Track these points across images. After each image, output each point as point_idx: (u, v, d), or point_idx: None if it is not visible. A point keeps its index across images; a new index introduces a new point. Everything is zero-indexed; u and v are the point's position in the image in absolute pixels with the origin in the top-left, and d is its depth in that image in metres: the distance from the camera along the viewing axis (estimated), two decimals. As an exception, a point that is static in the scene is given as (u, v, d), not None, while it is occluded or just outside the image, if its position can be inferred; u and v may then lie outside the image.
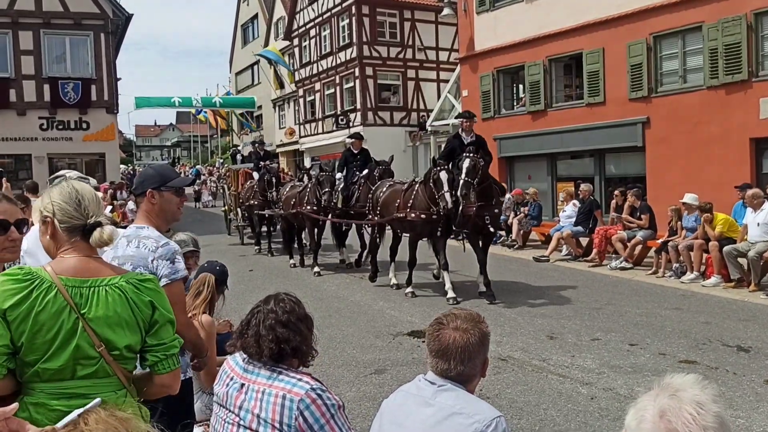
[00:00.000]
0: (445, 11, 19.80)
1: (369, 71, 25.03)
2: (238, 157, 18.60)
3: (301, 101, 30.24)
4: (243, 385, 2.36)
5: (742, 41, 11.81)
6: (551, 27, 15.34)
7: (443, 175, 8.49)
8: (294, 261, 12.43)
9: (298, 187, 12.34)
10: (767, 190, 9.62)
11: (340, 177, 11.77)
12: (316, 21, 27.79)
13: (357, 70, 25.08)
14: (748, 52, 11.77)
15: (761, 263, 8.66)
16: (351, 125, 24.80)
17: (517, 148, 16.69)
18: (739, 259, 8.94)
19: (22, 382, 1.96)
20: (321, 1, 27.14)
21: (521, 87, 17.37)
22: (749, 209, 9.08)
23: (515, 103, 17.57)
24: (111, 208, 13.29)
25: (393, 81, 25.81)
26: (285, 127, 33.21)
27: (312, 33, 28.34)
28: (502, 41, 16.79)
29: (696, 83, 12.77)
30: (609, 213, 12.32)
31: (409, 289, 9.25)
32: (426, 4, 25.27)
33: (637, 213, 10.98)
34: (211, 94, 35.52)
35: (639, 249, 10.89)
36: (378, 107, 25.20)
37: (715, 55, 12.25)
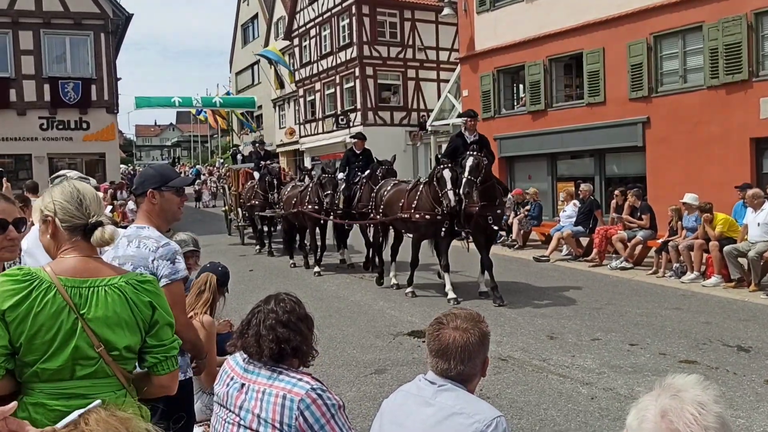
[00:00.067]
0: (446, 11, 19.79)
1: (369, 71, 25.03)
2: (238, 157, 18.59)
3: (302, 101, 30.24)
4: (243, 385, 2.36)
5: (742, 41, 11.81)
6: (551, 27, 15.34)
7: (446, 174, 8.44)
8: (294, 261, 12.41)
9: (299, 187, 12.26)
10: (767, 190, 9.62)
11: (342, 177, 11.67)
12: (316, 21, 27.79)
13: (357, 69, 25.08)
14: (748, 51, 11.77)
15: (761, 263, 8.67)
16: (351, 125, 24.80)
17: (518, 147, 16.69)
18: (740, 259, 8.95)
19: (21, 382, 1.95)
20: (321, 1, 27.14)
21: (521, 87, 17.37)
22: (749, 209, 9.08)
23: (515, 103, 17.57)
24: (111, 208, 13.29)
25: (393, 81, 25.81)
26: (285, 127, 33.22)
27: (312, 33, 28.34)
28: (502, 41, 16.79)
29: (696, 83, 12.77)
30: (609, 213, 12.32)
31: (410, 289, 9.23)
32: (426, 3, 25.27)
33: (638, 213, 10.98)
34: (211, 94, 35.54)
35: (639, 249, 10.89)
36: (378, 107, 25.20)
37: (716, 55, 12.24)
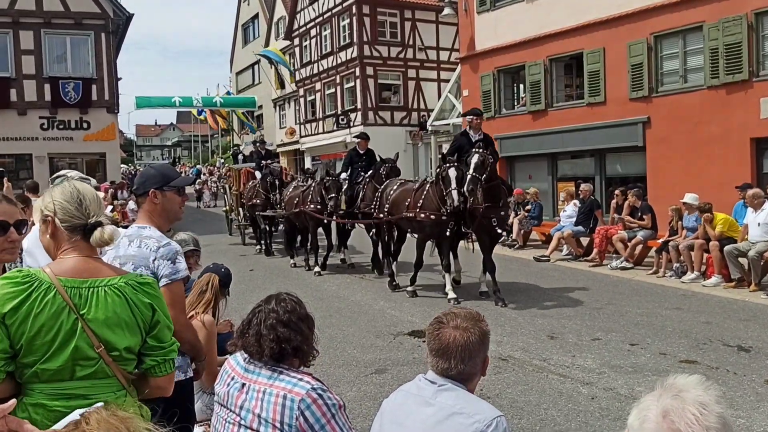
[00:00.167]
0: (446, 11, 19.78)
1: (369, 71, 25.02)
2: (239, 157, 18.59)
3: (302, 101, 30.23)
4: (244, 385, 2.36)
5: (742, 41, 11.81)
6: (552, 27, 15.34)
7: (452, 173, 8.34)
8: (295, 261, 12.41)
9: (301, 188, 12.17)
10: (767, 190, 9.62)
11: (344, 177, 11.60)
12: (316, 21, 27.78)
13: (357, 69, 25.07)
14: (748, 51, 11.76)
15: (762, 263, 8.67)
16: (351, 125, 24.80)
17: (518, 147, 16.68)
18: (740, 259, 8.94)
19: (21, 383, 1.95)
20: (321, 1, 27.13)
21: (522, 87, 17.37)
22: (750, 209, 9.08)
23: (516, 103, 17.57)
24: (111, 207, 13.29)
25: (393, 81, 25.80)
26: (285, 127, 33.21)
27: (312, 33, 28.34)
28: (502, 41, 16.78)
29: (696, 83, 12.77)
30: (609, 213, 12.32)
31: (411, 288, 9.20)
32: (426, 3, 25.26)
33: (638, 213, 10.98)
34: (212, 94, 35.53)
35: (639, 249, 10.88)
36: (378, 107, 25.19)
37: (716, 55, 12.24)
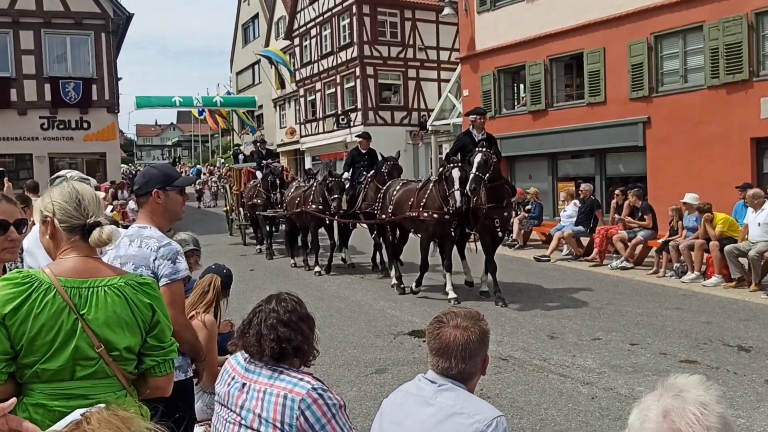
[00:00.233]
0: (446, 11, 19.78)
1: (370, 71, 25.01)
2: (240, 157, 18.58)
3: (302, 101, 30.23)
4: (244, 385, 2.36)
5: (742, 41, 11.81)
6: (552, 27, 15.33)
7: (455, 173, 8.27)
8: (295, 261, 12.39)
9: (303, 188, 12.08)
10: (767, 189, 9.62)
11: (346, 176, 11.50)
12: (316, 20, 27.78)
13: (358, 69, 25.06)
14: (748, 51, 11.76)
15: (762, 263, 8.67)
16: (352, 125, 24.79)
17: (518, 147, 16.67)
18: (740, 259, 8.94)
19: (21, 383, 1.95)
20: (322, 1, 27.12)
21: (522, 87, 17.37)
22: (750, 209, 9.08)
23: (516, 103, 17.57)
24: (112, 207, 13.29)
25: (394, 80, 25.78)
26: (286, 127, 33.21)
27: (313, 32, 28.32)
28: (502, 41, 16.78)
29: (697, 83, 12.77)
30: (610, 213, 12.31)
31: (415, 287, 9.09)
32: (427, 3, 25.25)
33: (638, 213, 10.98)
34: (212, 94, 35.53)
35: (640, 249, 10.88)
36: (379, 107, 25.18)
37: (716, 55, 12.24)
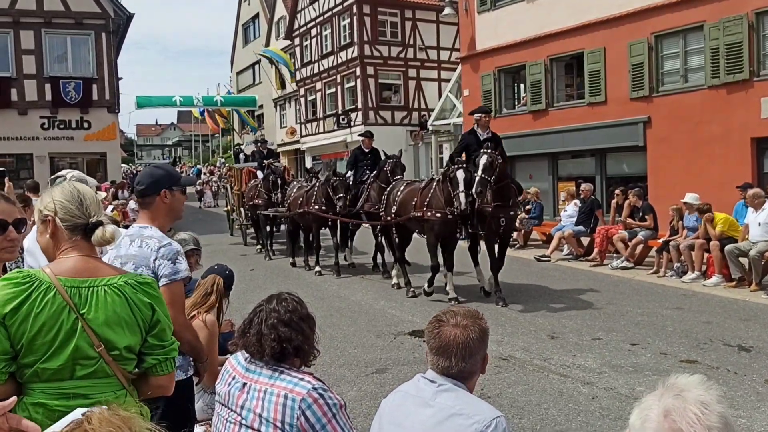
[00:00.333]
0: (446, 11, 19.77)
1: (370, 70, 25.00)
2: (241, 156, 18.58)
3: (302, 101, 30.22)
4: (245, 385, 2.36)
5: (743, 41, 11.80)
6: (552, 26, 15.33)
7: (460, 174, 8.16)
8: (295, 260, 12.36)
9: (305, 188, 12.00)
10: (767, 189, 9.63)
11: (349, 175, 11.47)
12: (317, 20, 27.77)
13: (358, 69, 25.06)
14: (749, 51, 11.76)
15: (762, 263, 8.67)
16: (352, 125, 24.79)
17: (518, 147, 16.62)
18: (741, 259, 8.94)
19: (21, 382, 1.95)
20: (322, 1, 27.11)
21: (522, 86, 17.37)
22: (750, 209, 9.08)
23: (516, 103, 17.57)
24: (112, 207, 13.29)
25: (394, 80, 25.78)
26: (286, 127, 33.20)
27: (313, 32, 28.32)
28: (503, 41, 16.78)
29: (697, 83, 12.76)
30: (610, 213, 12.30)
31: (429, 289, 9.01)
32: (427, 3, 25.23)
33: (639, 212, 10.98)
34: (212, 93, 35.52)
35: (640, 248, 10.88)
36: (379, 107, 25.17)
37: (717, 55, 12.23)
